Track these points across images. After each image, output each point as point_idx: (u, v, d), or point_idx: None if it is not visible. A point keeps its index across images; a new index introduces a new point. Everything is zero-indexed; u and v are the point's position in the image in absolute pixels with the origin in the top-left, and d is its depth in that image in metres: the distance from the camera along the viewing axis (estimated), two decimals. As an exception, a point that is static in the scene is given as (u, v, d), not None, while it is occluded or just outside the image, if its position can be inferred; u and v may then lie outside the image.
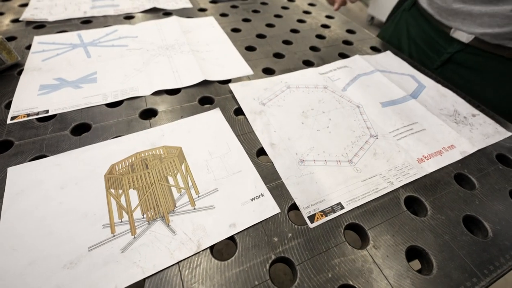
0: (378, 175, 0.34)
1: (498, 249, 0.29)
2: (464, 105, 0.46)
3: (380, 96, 0.46)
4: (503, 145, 0.40)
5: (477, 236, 0.30)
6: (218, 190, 0.31)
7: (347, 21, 0.70)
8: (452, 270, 0.27)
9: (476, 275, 0.26)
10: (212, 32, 0.60)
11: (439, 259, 0.27)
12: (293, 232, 0.28)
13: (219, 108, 0.41)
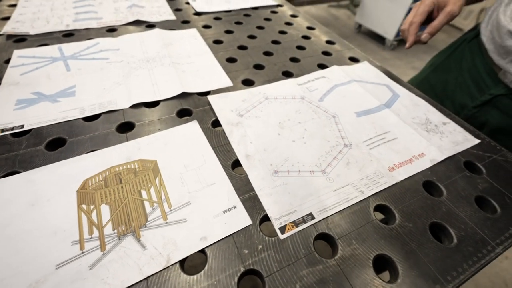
0: (349, 184, 0.35)
1: (462, 255, 0.29)
2: (436, 114, 0.48)
3: (355, 106, 0.48)
4: (471, 152, 0.41)
5: (443, 242, 0.31)
6: (191, 203, 0.32)
7: (328, 32, 0.72)
8: (417, 277, 0.27)
9: (440, 282, 0.27)
10: (194, 44, 0.61)
11: (404, 267, 0.28)
12: (263, 244, 0.29)
13: (196, 120, 0.42)
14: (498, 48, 0.50)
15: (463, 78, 0.59)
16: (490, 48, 0.52)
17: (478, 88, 0.55)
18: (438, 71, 0.65)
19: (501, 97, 0.51)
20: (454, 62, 0.62)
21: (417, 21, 0.50)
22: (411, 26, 0.50)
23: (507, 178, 0.38)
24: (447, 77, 0.62)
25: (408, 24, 0.51)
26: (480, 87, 0.55)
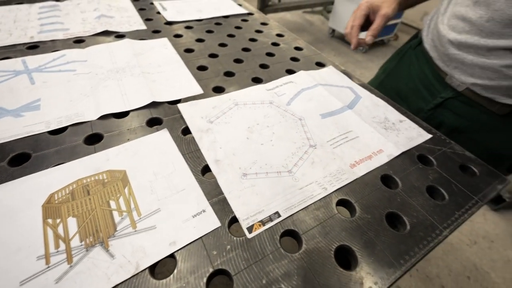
0: (314, 182, 0.38)
1: (413, 240, 0.32)
2: (393, 113, 0.52)
3: (320, 108, 0.51)
4: (424, 147, 0.45)
5: (398, 230, 0.34)
6: (160, 210, 0.32)
7: (296, 38, 0.76)
8: (374, 263, 0.30)
9: (394, 265, 0.30)
10: (165, 54, 0.61)
11: (363, 254, 0.30)
12: (232, 244, 0.30)
13: (166, 129, 0.43)
14: (442, 56, 0.55)
15: (414, 84, 0.63)
16: (434, 55, 0.57)
17: (429, 93, 0.60)
18: (390, 77, 0.70)
19: (451, 99, 0.56)
20: (404, 68, 0.67)
21: (357, 24, 0.55)
22: (353, 29, 0.56)
23: (454, 168, 0.42)
24: (399, 83, 0.67)
25: (350, 28, 0.56)
26: (431, 91, 0.59)
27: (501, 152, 0.54)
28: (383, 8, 0.54)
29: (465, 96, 0.53)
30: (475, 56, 0.48)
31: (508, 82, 0.46)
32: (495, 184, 0.40)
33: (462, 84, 0.52)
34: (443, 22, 0.53)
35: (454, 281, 1.21)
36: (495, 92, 0.49)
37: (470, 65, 0.50)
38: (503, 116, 0.50)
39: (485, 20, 0.45)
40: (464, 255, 1.31)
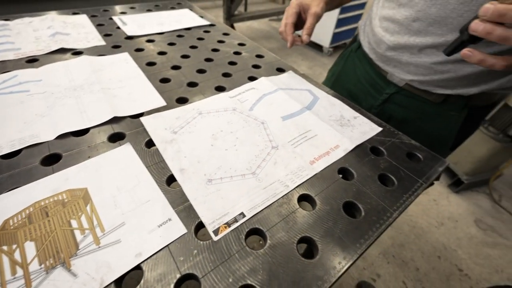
0: (277, 181, 0.40)
1: (368, 225, 0.36)
2: (348, 110, 0.56)
3: (281, 111, 0.53)
4: (375, 139, 0.50)
5: (355, 217, 0.37)
6: (125, 224, 0.32)
7: (257, 47, 0.79)
8: (333, 250, 0.32)
9: (351, 249, 0.32)
10: (126, 68, 0.61)
11: (323, 243, 0.33)
12: (198, 248, 0.31)
13: (129, 143, 0.43)
14: (380, 57, 0.61)
15: (361, 84, 0.69)
16: (373, 57, 0.63)
17: (375, 90, 0.65)
18: (339, 80, 0.76)
19: (395, 94, 0.62)
20: (349, 70, 0.72)
21: (290, 22, 0.58)
22: (287, 28, 0.58)
23: (402, 156, 0.46)
24: (348, 84, 0.72)
25: (284, 26, 0.59)
26: (377, 89, 0.65)
27: (441, 134, 0.60)
28: (313, 7, 0.57)
29: (406, 90, 0.59)
30: (409, 56, 0.54)
31: (438, 76, 0.52)
32: (437, 166, 0.45)
33: (402, 80, 0.59)
34: (376, 25, 0.59)
35: (427, 262, 1.30)
36: (429, 85, 0.55)
37: (405, 64, 0.56)
38: (438, 104, 0.57)
39: (411, 20, 0.50)
40: (434, 237, 1.41)
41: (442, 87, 0.54)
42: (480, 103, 0.56)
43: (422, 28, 0.50)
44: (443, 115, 0.58)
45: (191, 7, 1.02)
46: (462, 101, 0.55)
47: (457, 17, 0.44)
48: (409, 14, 0.51)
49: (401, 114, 0.63)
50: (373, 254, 1.32)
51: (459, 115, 0.57)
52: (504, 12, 0.29)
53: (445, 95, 0.55)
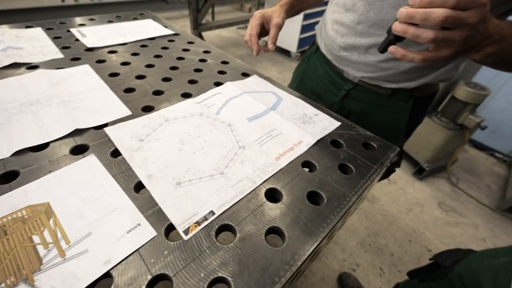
0: (244, 178, 0.42)
1: (329, 210, 0.39)
2: (310, 108, 0.60)
3: (247, 113, 0.56)
4: (335, 133, 0.54)
5: (319, 204, 0.40)
6: (92, 233, 0.32)
7: (223, 53, 0.81)
8: (299, 236, 0.35)
9: (315, 234, 0.35)
10: (87, 80, 0.60)
11: (290, 231, 0.35)
12: (169, 249, 0.32)
13: (93, 154, 0.42)
14: (335, 57, 0.67)
15: (323, 83, 0.74)
16: (330, 58, 0.69)
17: (335, 88, 0.71)
18: (303, 80, 0.81)
19: (352, 90, 0.68)
20: (311, 71, 0.78)
21: (254, 33, 0.61)
22: (252, 38, 0.61)
23: (358, 146, 0.51)
24: (311, 84, 0.78)
25: (249, 36, 0.62)
26: (336, 86, 0.71)
27: (394, 123, 0.67)
28: (274, 18, 0.61)
29: (360, 85, 0.66)
30: (358, 56, 0.60)
31: (384, 73, 0.59)
32: (389, 153, 0.50)
33: (355, 78, 0.65)
34: (329, 29, 0.66)
35: (400, 247, 1.39)
36: (378, 81, 0.62)
37: (356, 63, 0.62)
38: (388, 96, 0.64)
39: (356, 23, 0.57)
40: (404, 223, 1.51)
41: (388, 82, 0.61)
42: (422, 93, 0.63)
43: (365, 30, 0.56)
44: (393, 106, 0.65)
45: (155, 17, 1.02)
46: (407, 92, 0.62)
47: (391, 19, 0.50)
48: (353, 18, 0.57)
49: (359, 108, 0.69)
50: (351, 245, 1.38)
51: (406, 104, 0.64)
52: (413, 14, 0.34)
53: (392, 88, 0.61)
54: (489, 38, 0.39)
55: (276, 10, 0.63)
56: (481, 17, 0.34)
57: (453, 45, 0.37)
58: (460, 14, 0.33)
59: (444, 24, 0.33)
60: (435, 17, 0.33)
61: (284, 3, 0.66)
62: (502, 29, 0.39)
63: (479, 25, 0.35)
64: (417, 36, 0.36)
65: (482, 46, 0.40)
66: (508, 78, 1.77)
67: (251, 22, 0.62)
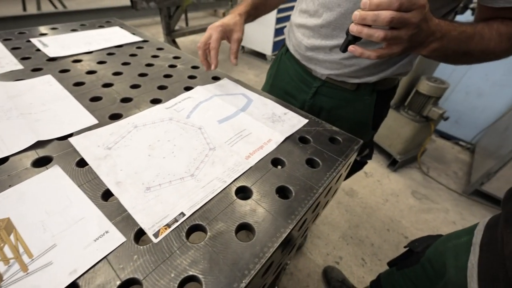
0: (215, 179, 0.42)
1: (297, 203, 0.40)
2: (279, 108, 0.62)
3: (217, 115, 0.57)
4: (303, 130, 0.56)
5: (288, 198, 0.42)
6: (56, 245, 0.31)
7: (192, 59, 0.82)
8: (269, 228, 0.36)
9: (283, 225, 0.37)
10: (49, 91, 0.58)
11: (259, 225, 0.36)
12: (139, 253, 0.32)
13: (57, 165, 0.41)
14: (304, 58, 0.70)
15: (294, 82, 0.78)
16: (299, 58, 0.73)
17: (306, 86, 0.74)
18: (276, 81, 0.84)
19: (321, 87, 0.72)
20: (283, 71, 0.81)
21: (216, 47, 0.61)
22: (212, 52, 0.61)
23: (325, 141, 0.54)
24: (284, 84, 0.81)
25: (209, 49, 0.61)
26: (307, 85, 0.74)
27: (361, 116, 0.72)
28: (236, 32, 0.63)
29: (328, 82, 0.70)
30: (324, 55, 0.64)
31: (348, 69, 0.63)
32: (353, 145, 0.53)
33: (323, 75, 0.69)
34: (296, 31, 0.69)
35: (379, 236, 1.45)
36: (343, 77, 0.66)
37: (322, 61, 0.65)
38: (354, 91, 0.68)
39: (319, 27, 0.61)
40: (382, 213, 1.58)
41: (353, 77, 0.65)
42: (384, 87, 0.69)
43: (329, 33, 0.60)
44: (359, 100, 0.70)
45: (122, 25, 1.00)
46: (370, 87, 0.67)
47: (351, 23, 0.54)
48: (317, 22, 0.61)
49: (329, 104, 0.73)
50: (334, 239, 1.42)
51: (371, 98, 0.69)
52: (365, 16, 0.38)
53: (356, 83, 0.66)
54: (433, 35, 0.44)
55: (237, 23, 0.64)
56: (422, 17, 0.39)
57: (402, 42, 0.41)
58: (404, 15, 0.37)
59: (391, 24, 0.37)
60: (383, 18, 0.37)
61: (243, 12, 0.67)
62: (442, 27, 0.44)
63: (422, 24, 0.40)
64: (370, 35, 0.40)
65: (428, 43, 0.45)
66: (465, 71, 1.93)
67: (213, 35, 0.61)
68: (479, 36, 0.48)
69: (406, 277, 0.67)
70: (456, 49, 0.47)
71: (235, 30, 0.63)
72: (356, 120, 0.72)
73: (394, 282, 0.70)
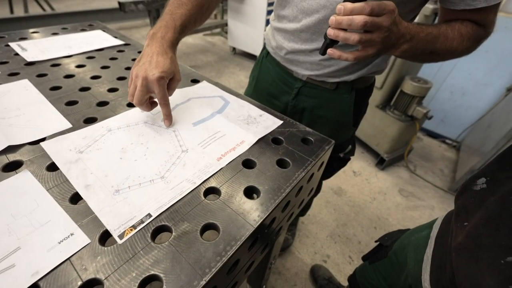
0: (184, 180, 0.43)
1: (265, 204, 0.42)
2: (255, 110, 0.63)
3: (192, 118, 0.58)
4: (277, 131, 0.57)
5: (254, 198, 0.43)
6: (20, 248, 0.32)
7: (174, 61, 0.82)
8: (233, 229, 0.37)
9: (248, 225, 0.38)
10: (25, 95, 0.58)
11: (224, 225, 0.38)
12: (103, 254, 0.33)
13: (27, 170, 0.42)
14: (284, 60, 0.72)
15: (277, 84, 0.79)
16: (279, 60, 0.75)
17: (288, 87, 0.76)
18: (259, 83, 0.86)
19: (302, 87, 0.74)
20: (265, 74, 0.83)
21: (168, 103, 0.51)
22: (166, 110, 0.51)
23: (297, 142, 0.55)
24: (267, 86, 0.82)
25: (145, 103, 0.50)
26: (288, 86, 0.76)
27: (342, 114, 0.74)
28: (176, 80, 0.53)
29: (309, 83, 0.72)
30: (304, 57, 0.67)
31: (327, 70, 0.66)
32: (324, 145, 0.55)
33: (304, 76, 0.71)
34: (276, 34, 0.71)
35: (366, 234, 1.47)
36: (323, 77, 0.68)
37: (303, 63, 0.68)
38: (334, 90, 0.70)
39: (299, 32, 0.63)
40: (369, 211, 1.61)
41: (332, 77, 0.68)
42: (361, 85, 0.72)
43: (308, 37, 0.63)
44: (339, 99, 0.72)
45: (105, 28, 1.01)
46: (349, 86, 0.70)
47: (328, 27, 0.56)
48: (296, 27, 0.63)
49: (311, 104, 0.75)
50: (321, 237, 1.44)
51: (350, 96, 0.71)
52: (340, 21, 0.41)
53: (336, 82, 0.68)
54: (403, 37, 0.46)
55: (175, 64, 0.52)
56: (392, 20, 0.42)
57: (376, 45, 0.44)
58: (375, 19, 0.40)
59: (365, 27, 0.40)
60: (357, 22, 0.40)
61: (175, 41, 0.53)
62: (411, 29, 0.47)
63: (392, 27, 0.43)
64: (346, 38, 0.43)
65: (399, 44, 0.48)
66: (449, 71, 1.98)
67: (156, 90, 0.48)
68: (443, 36, 0.51)
69: (376, 270, 0.69)
70: (424, 49, 0.50)
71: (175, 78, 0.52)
72: (338, 118, 0.75)
73: (366, 275, 0.73)
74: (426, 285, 0.48)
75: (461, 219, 0.45)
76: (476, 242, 0.39)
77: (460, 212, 0.46)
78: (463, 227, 0.43)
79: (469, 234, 0.41)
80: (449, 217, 0.53)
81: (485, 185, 0.44)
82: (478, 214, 0.41)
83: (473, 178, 0.47)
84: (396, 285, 0.63)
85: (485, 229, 0.38)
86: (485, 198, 0.42)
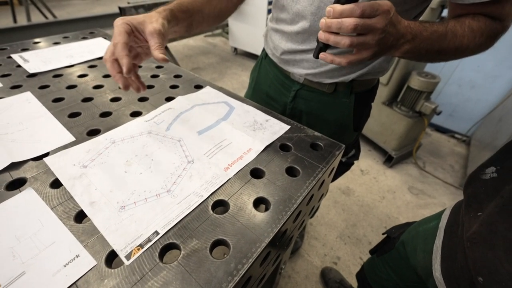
0: (192, 193, 0.42)
1: (276, 216, 0.40)
2: (261, 115, 0.62)
3: (197, 126, 0.56)
4: (284, 137, 0.55)
5: (266, 210, 0.41)
6: (25, 273, 0.31)
7: (177, 68, 0.81)
8: (244, 245, 0.36)
9: (259, 240, 0.36)
10: (27, 109, 0.57)
11: (234, 241, 0.36)
12: (110, 277, 0.31)
13: (31, 188, 0.41)
14: (281, 61, 0.71)
15: (275, 85, 0.78)
16: (277, 61, 0.73)
17: (286, 89, 0.75)
18: (258, 84, 0.84)
19: (299, 90, 0.72)
20: (264, 75, 0.81)
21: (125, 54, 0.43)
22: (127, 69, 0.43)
23: (306, 148, 0.53)
24: (266, 87, 0.81)
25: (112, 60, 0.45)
26: (286, 88, 0.74)
27: (342, 119, 0.72)
28: (148, 24, 0.45)
29: (306, 85, 0.70)
30: (300, 56, 0.65)
31: (324, 68, 0.64)
32: (334, 151, 0.53)
33: (301, 77, 0.69)
34: (273, 35, 0.70)
35: (376, 234, 1.44)
36: (320, 77, 0.66)
37: (300, 61, 0.66)
38: (332, 93, 0.68)
39: (296, 34, 0.61)
40: (379, 210, 1.58)
41: (329, 77, 0.66)
42: (361, 89, 0.69)
43: (305, 38, 0.61)
44: (337, 103, 0.70)
45: (106, 35, 1.00)
46: (347, 89, 0.67)
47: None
48: (293, 29, 0.62)
49: (308, 107, 0.73)
50: (331, 239, 1.41)
51: (349, 100, 0.69)
52: (330, 24, 0.38)
53: (334, 84, 0.66)
54: (403, 37, 0.43)
55: (150, 15, 0.47)
56: (387, 21, 0.38)
57: (370, 47, 0.41)
58: (368, 21, 0.37)
59: (356, 31, 0.37)
60: (346, 26, 0.37)
61: (162, 10, 0.50)
62: (412, 29, 0.44)
63: (388, 28, 0.39)
64: (337, 42, 0.40)
65: (399, 45, 0.44)
66: (456, 64, 1.92)
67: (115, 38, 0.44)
68: (452, 33, 0.48)
69: (385, 262, 0.69)
70: (429, 49, 0.47)
71: (147, 21, 0.46)
72: (337, 122, 0.73)
73: (375, 268, 0.73)
74: (437, 274, 0.48)
75: (473, 209, 0.44)
76: (491, 229, 0.38)
77: (471, 202, 0.45)
78: (476, 217, 0.42)
79: (483, 222, 0.40)
80: (458, 207, 0.52)
81: (496, 174, 0.43)
82: (492, 203, 0.40)
83: (481, 167, 0.46)
84: (405, 275, 0.63)
85: (500, 217, 0.38)
86: (498, 187, 0.41)
